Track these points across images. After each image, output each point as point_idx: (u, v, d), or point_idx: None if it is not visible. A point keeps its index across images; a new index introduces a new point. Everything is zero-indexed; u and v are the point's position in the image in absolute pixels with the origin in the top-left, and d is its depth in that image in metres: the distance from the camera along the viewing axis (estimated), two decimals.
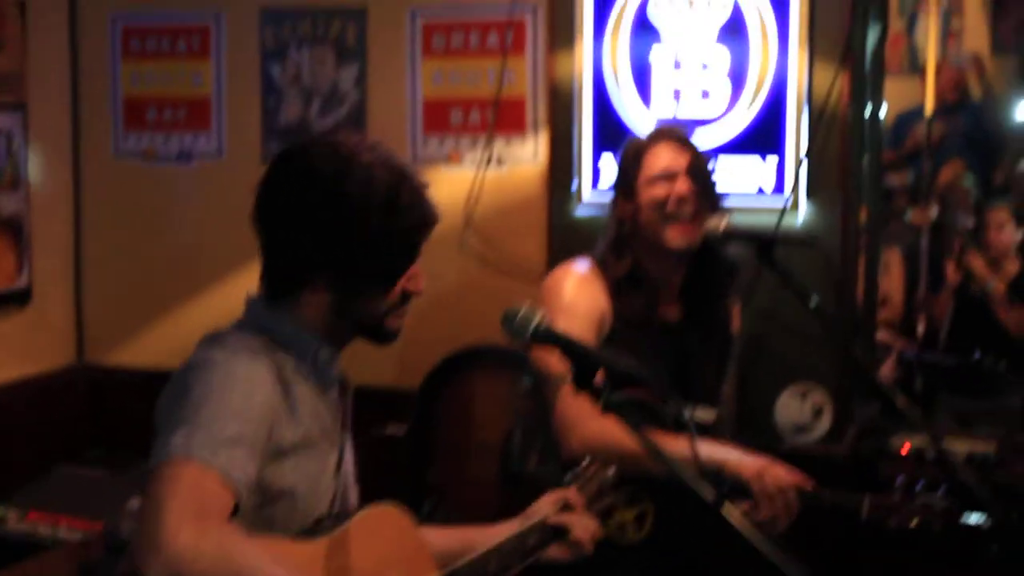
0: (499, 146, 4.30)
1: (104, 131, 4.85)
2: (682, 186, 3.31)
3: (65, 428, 4.84)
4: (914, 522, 3.13)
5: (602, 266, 3.39)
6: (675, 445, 2.91)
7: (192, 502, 1.93)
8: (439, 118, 4.37)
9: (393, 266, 2.33)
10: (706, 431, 3.44)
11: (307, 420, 2.28)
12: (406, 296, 2.37)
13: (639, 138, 3.46)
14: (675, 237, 3.31)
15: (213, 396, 2.08)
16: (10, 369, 4.66)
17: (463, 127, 4.34)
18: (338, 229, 2.26)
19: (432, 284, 4.21)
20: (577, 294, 3.34)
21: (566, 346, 2.30)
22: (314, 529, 2.27)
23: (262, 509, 2.20)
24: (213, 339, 2.26)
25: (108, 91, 4.83)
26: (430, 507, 3.46)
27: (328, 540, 2.21)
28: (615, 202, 3.43)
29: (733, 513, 2.21)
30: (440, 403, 3.53)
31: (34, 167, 4.69)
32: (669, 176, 3.33)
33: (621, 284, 3.36)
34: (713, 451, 3.23)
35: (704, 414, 3.45)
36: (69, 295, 4.93)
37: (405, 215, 2.30)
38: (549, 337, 2.33)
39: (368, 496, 2.51)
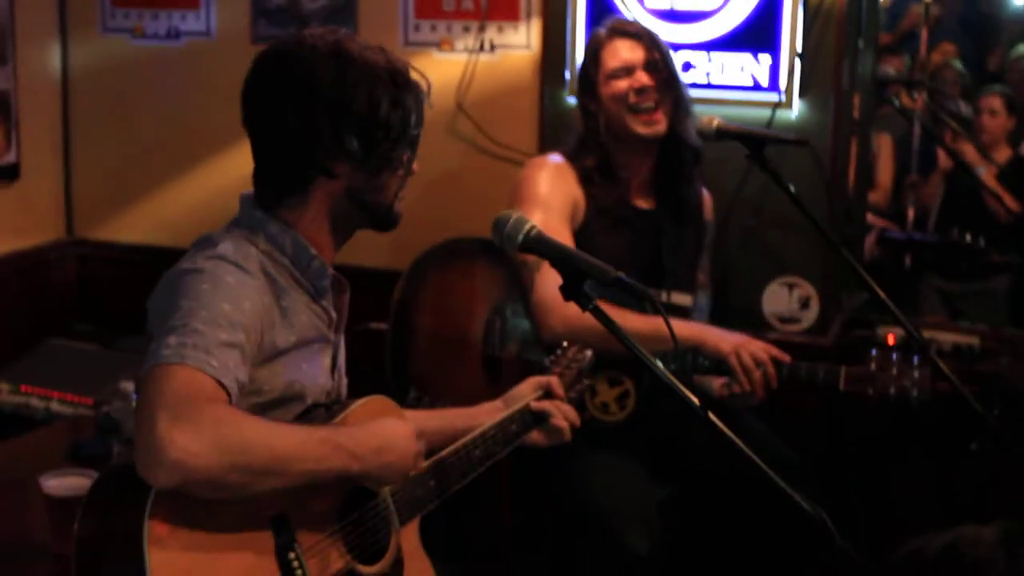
0: (491, 32, 4.25)
1: (92, 7, 4.79)
2: (641, 78, 3.42)
3: (54, 302, 4.87)
4: (892, 390, 3.20)
5: (573, 158, 3.49)
6: (655, 325, 2.98)
7: (184, 402, 1.95)
8: (431, 3, 4.31)
9: (408, 147, 2.37)
10: (683, 315, 3.49)
11: (300, 324, 2.31)
12: (408, 172, 2.41)
13: (595, 35, 3.56)
14: (641, 127, 3.44)
15: (203, 303, 2.10)
16: (1, 243, 4.67)
17: (455, 12, 4.29)
18: (350, 111, 2.26)
19: (424, 168, 4.25)
20: (551, 186, 3.45)
21: (556, 254, 2.31)
22: (306, 417, 2.31)
23: (260, 408, 2.22)
24: (203, 245, 2.26)
25: None
26: (415, 396, 3.49)
27: (322, 427, 2.23)
28: (579, 99, 3.55)
29: (717, 420, 2.24)
30: (418, 296, 3.55)
31: (21, 42, 4.64)
32: (627, 70, 3.44)
33: (592, 175, 3.47)
34: (692, 329, 3.31)
35: (680, 299, 3.50)
36: (58, 170, 4.91)
37: (408, 91, 2.34)
38: (539, 245, 2.34)
39: (355, 389, 2.55)
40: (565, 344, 2.93)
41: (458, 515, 2.74)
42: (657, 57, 3.45)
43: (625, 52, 3.46)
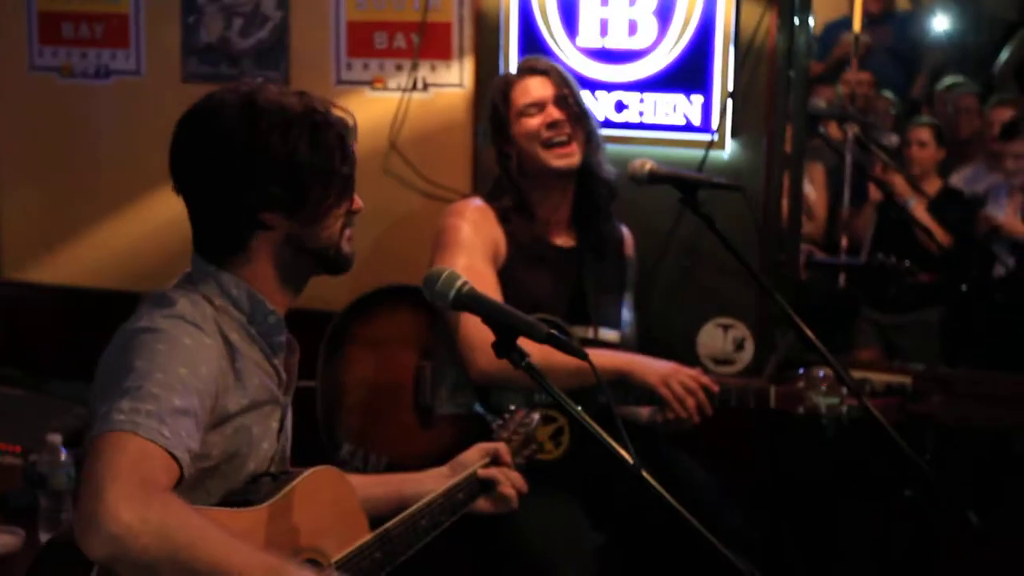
0: (424, 71, 4.24)
1: (18, 45, 4.72)
2: (552, 112, 3.45)
3: None
4: (823, 408, 3.24)
5: (491, 199, 3.53)
6: (583, 364, 2.98)
7: (134, 477, 1.90)
8: (363, 41, 4.29)
9: (328, 179, 2.29)
10: (601, 347, 3.50)
11: (253, 386, 2.27)
12: (350, 215, 2.37)
13: (503, 76, 3.61)
14: (555, 160, 3.45)
15: (158, 366, 2.06)
16: None
17: (387, 51, 4.26)
18: (270, 161, 2.23)
19: None
20: (473, 229, 3.46)
21: (488, 312, 2.30)
22: (251, 489, 2.27)
23: (204, 472, 2.18)
24: (159, 303, 2.22)
25: (22, 3, 4.68)
26: (349, 450, 3.47)
27: (269, 507, 2.20)
28: (493, 141, 3.56)
29: (651, 478, 2.24)
30: (344, 350, 3.54)
31: None
32: (539, 105, 3.47)
33: (509, 214, 3.50)
34: (619, 360, 3.32)
35: (608, 335, 3.51)
36: None
37: (328, 130, 2.29)
38: (472, 302, 2.32)
39: (291, 450, 2.52)
40: (512, 408, 2.91)
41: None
42: (566, 92, 3.48)
43: (535, 89, 3.48)
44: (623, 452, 2.23)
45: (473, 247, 3.41)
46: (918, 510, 3.39)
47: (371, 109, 4.27)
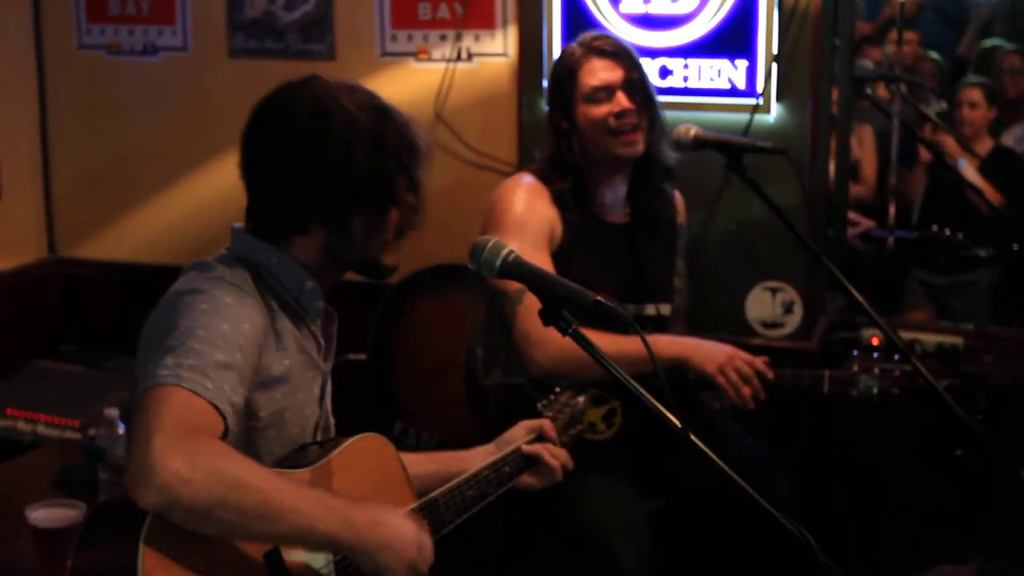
0: (468, 41, 4.24)
1: (67, 24, 4.76)
2: (621, 100, 3.35)
3: (39, 323, 4.84)
4: (875, 390, 3.22)
5: (546, 179, 3.44)
6: (638, 346, 2.99)
7: (181, 426, 1.95)
8: (407, 13, 4.29)
9: (382, 205, 2.33)
10: (663, 324, 3.49)
11: (292, 352, 2.31)
12: (400, 232, 2.39)
13: (571, 52, 3.47)
14: (621, 148, 3.38)
15: (201, 323, 2.11)
16: None
17: (431, 22, 4.27)
18: (326, 176, 2.28)
19: None
20: (527, 209, 3.40)
21: (534, 280, 2.31)
22: (299, 456, 2.31)
23: (248, 436, 2.23)
24: (200, 267, 2.28)
25: None
26: (402, 428, 3.49)
27: (311, 470, 2.25)
28: (553, 120, 3.48)
29: (699, 441, 2.25)
30: (398, 326, 3.55)
31: None
32: (607, 91, 3.37)
33: (565, 198, 3.42)
34: (677, 347, 3.30)
35: (660, 309, 3.50)
36: (38, 190, 4.89)
37: (392, 154, 2.32)
38: (518, 270, 2.34)
39: (341, 423, 2.54)
40: (557, 389, 2.92)
41: (450, 536, 2.73)
42: (635, 77, 3.39)
43: (604, 72, 3.37)
44: (671, 417, 2.24)
45: (525, 228, 3.35)
46: (970, 470, 3.39)
47: (416, 81, 4.29)
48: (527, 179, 3.47)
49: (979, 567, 1.53)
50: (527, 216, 3.38)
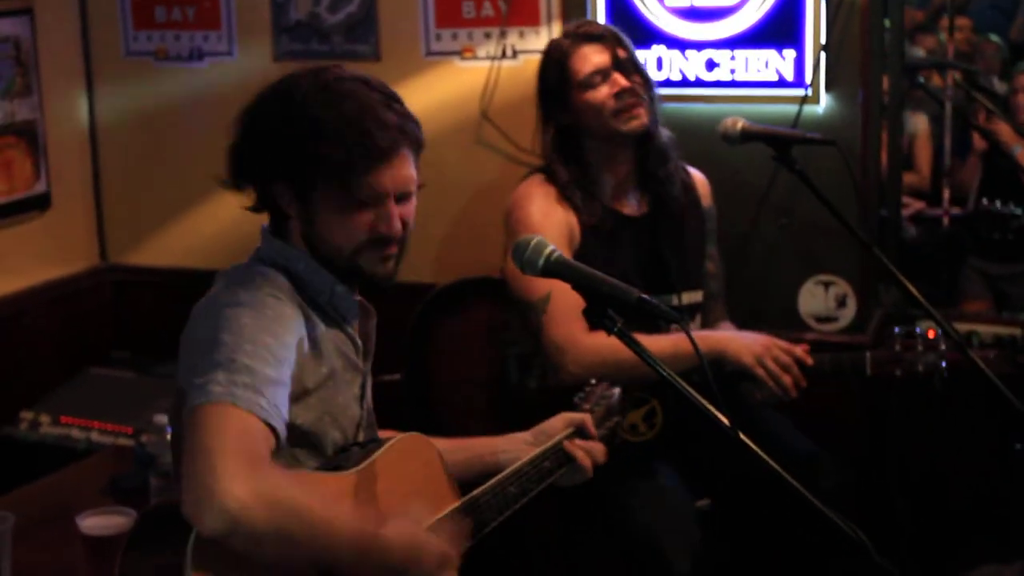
0: (513, 38, 4.21)
1: (113, 31, 4.78)
2: (619, 80, 3.36)
3: (91, 330, 4.87)
4: (920, 367, 3.17)
5: (552, 177, 3.43)
6: (674, 342, 2.96)
7: (242, 450, 1.94)
8: (451, 11, 4.27)
9: (344, 191, 2.27)
10: (696, 311, 3.45)
11: (330, 356, 2.31)
12: (378, 238, 2.31)
13: (556, 44, 3.48)
14: (623, 124, 3.37)
15: (247, 337, 2.09)
16: (34, 274, 4.67)
17: (476, 20, 4.25)
18: (289, 141, 2.28)
19: (452, 178, 4.23)
20: (544, 214, 3.38)
21: (578, 278, 2.28)
22: (341, 458, 2.31)
23: (291, 441, 2.21)
24: (235, 276, 2.27)
25: None
26: None
27: (356, 473, 2.24)
28: (549, 115, 3.47)
29: (747, 440, 2.21)
30: (429, 344, 3.54)
31: (45, 71, 4.64)
32: (602, 73, 3.37)
33: (570, 191, 3.39)
34: (712, 341, 3.26)
35: (691, 297, 3.46)
36: (89, 197, 4.91)
37: (356, 145, 2.26)
38: (561, 269, 2.31)
39: None
40: (593, 381, 2.89)
41: (508, 545, 2.72)
42: (624, 56, 3.40)
43: (595, 56, 3.38)
44: (720, 416, 2.20)
45: (545, 232, 3.24)
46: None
47: (461, 79, 4.27)
48: (539, 183, 3.46)
49: None
50: (545, 223, 3.35)
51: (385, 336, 2.53)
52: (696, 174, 3.61)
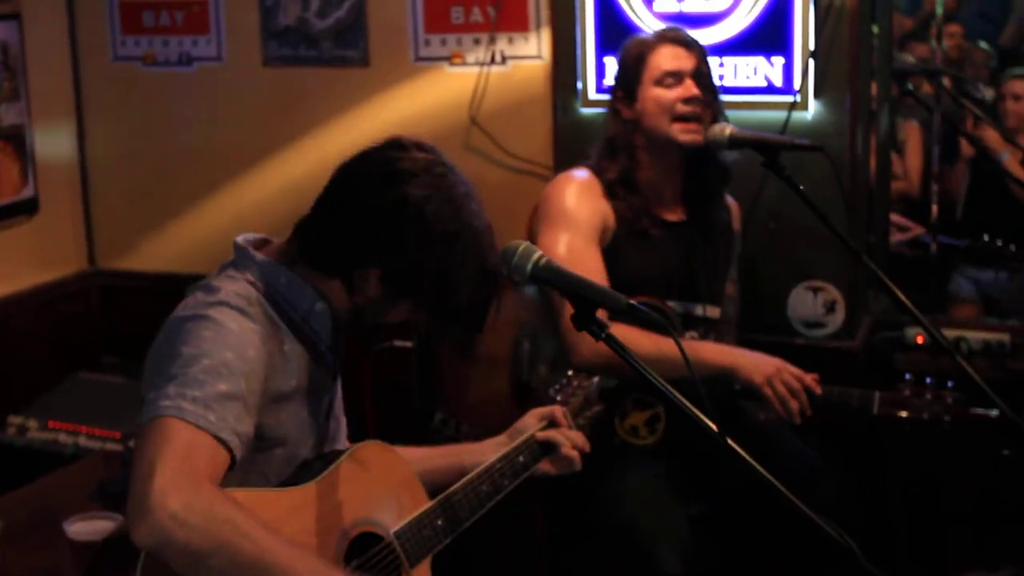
0: (502, 44, 4.22)
1: (101, 35, 4.78)
2: (691, 87, 3.33)
3: (79, 335, 4.86)
4: (926, 415, 3.16)
5: (598, 171, 3.41)
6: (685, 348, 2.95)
7: (183, 466, 1.93)
8: (440, 17, 4.27)
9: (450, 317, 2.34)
10: (709, 326, 3.45)
11: (299, 372, 2.28)
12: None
13: (642, 38, 3.45)
14: (682, 134, 3.34)
15: (204, 351, 2.07)
16: (23, 278, 4.67)
17: (465, 25, 4.25)
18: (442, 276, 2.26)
19: None
20: (577, 203, 3.37)
21: (565, 284, 2.28)
22: (301, 473, 2.29)
23: (253, 456, 2.20)
24: (206, 289, 2.24)
25: None
26: (441, 419, 3.47)
27: (317, 483, 2.23)
28: (615, 103, 3.44)
29: (736, 446, 2.21)
30: None
31: (33, 76, 4.63)
32: (678, 76, 3.34)
33: (616, 187, 3.38)
34: (725, 355, 3.26)
35: (709, 312, 3.46)
36: (77, 202, 4.90)
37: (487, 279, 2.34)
38: (548, 274, 2.31)
39: (381, 408, 2.52)
40: (570, 373, 2.89)
41: (490, 538, 2.72)
42: (705, 71, 3.37)
43: (676, 59, 3.35)
44: (707, 421, 2.20)
45: (575, 223, 3.33)
46: (1018, 469, 3.34)
47: (450, 85, 4.27)
48: (579, 173, 3.44)
49: (1011, 574, 1.49)
50: (578, 210, 3.35)
51: None
52: (730, 199, 3.62)
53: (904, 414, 3.21)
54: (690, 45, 3.38)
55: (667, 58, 3.36)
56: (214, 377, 2.04)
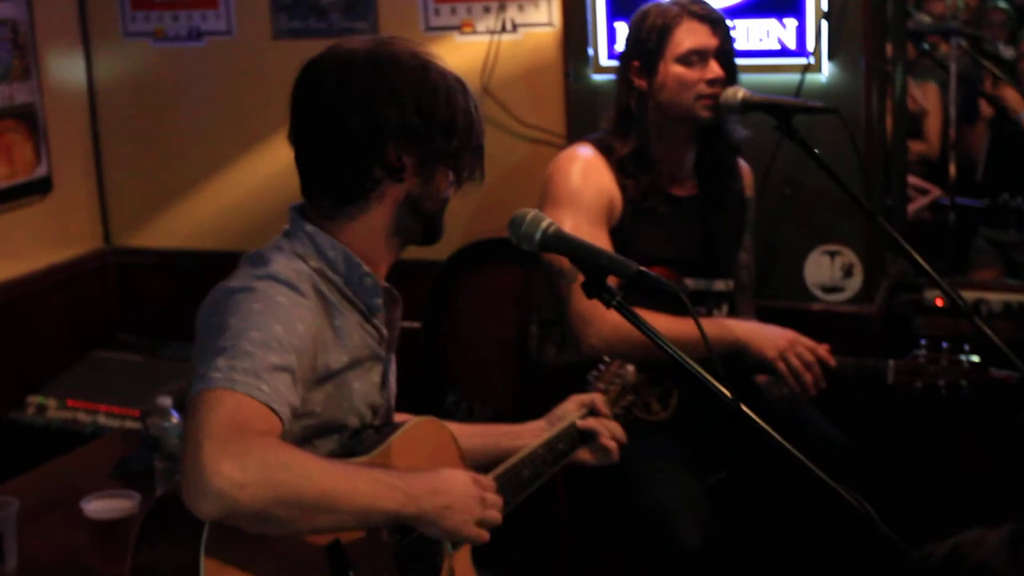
0: (512, 12, 4.18)
1: (111, 12, 4.76)
2: (715, 68, 3.26)
3: (96, 313, 4.87)
4: (942, 382, 3.13)
5: (606, 148, 3.35)
6: (693, 327, 2.93)
7: (231, 429, 1.91)
8: None
9: (469, 154, 2.36)
10: (726, 299, 3.43)
11: (352, 343, 2.27)
12: (459, 185, 2.39)
13: (664, 7, 3.34)
14: (704, 111, 3.28)
15: (253, 323, 2.06)
16: (38, 258, 4.67)
17: None
18: (418, 102, 2.25)
19: None
20: (582, 183, 3.31)
21: (575, 251, 2.27)
22: (355, 443, 2.29)
23: (310, 430, 2.20)
24: (256, 260, 2.23)
25: None
26: (453, 400, 3.46)
27: (371, 458, 2.22)
28: (628, 75, 3.36)
29: (750, 411, 2.20)
30: (453, 297, 3.51)
31: (43, 54, 4.62)
32: (702, 55, 3.27)
33: (626, 163, 3.32)
34: (738, 331, 3.22)
35: (722, 285, 3.44)
36: (91, 180, 4.90)
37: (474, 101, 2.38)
38: (558, 242, 2.29)
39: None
40: (607, 359, 2.86)
41: (515, 516, 2.70)
42: (729, 48, 3.30)
43: (702, 36, 3.26)
44: (722, 389, 2.18)
45: (581, 203, 3.27)
46: None
47: (461, 54, 4.23)
48: (584, 150, 3.37)
49: (1013, 530, 1.49)
50: (583, 189, 3.28)
51: (407, 292, 2.51)
52: (742, 164, 3.56)
53: (919, 384, 3.18)
54: (716, 22, 3.29)
55: (692, 35, 3.26)
56: (264, 349, 2.02)
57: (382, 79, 2.24)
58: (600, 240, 3.22)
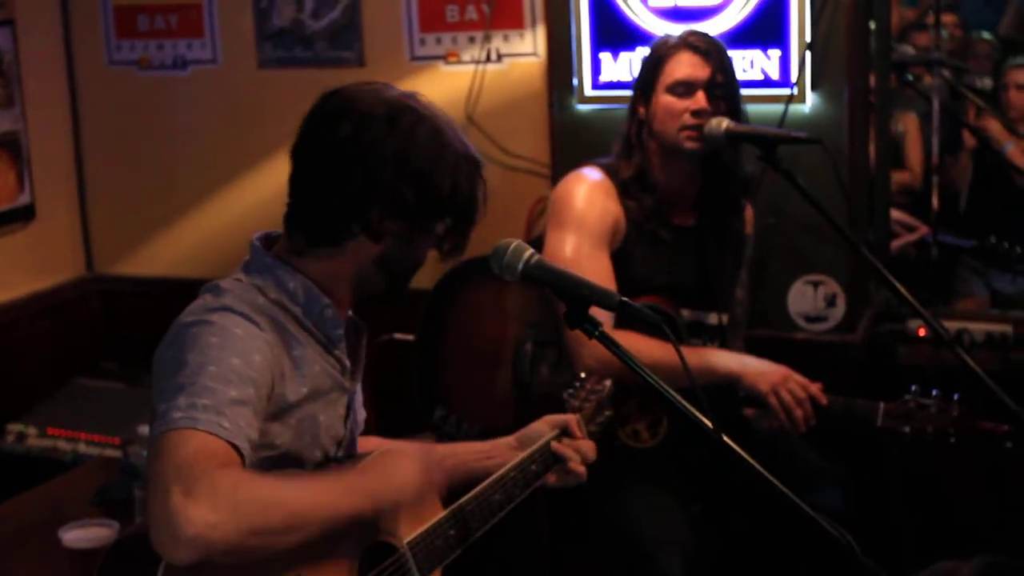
0: (497, 42, 4.20)
1: (96, 40, 4.77)
2: (700, 100, 3.27)
3: (78, 341, 4.85)
4: (930, 428, 3.13)
5: (612, 171, 3.37)
6: (688, 358, 2.92)
7: (197, 472, 1.89)
8: (435, 16, 4.26)
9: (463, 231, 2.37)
10: (719, 333, 3.43)
11: (313, 375, 2.25)
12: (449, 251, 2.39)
13: (666, 39, 3.38)
14: (688, 142, 3.28)
15: (211, 358, 2.04)
16: (21, 285, 4.66)
17: (460, 24, 4.23)
18: (420, 176, 2.23)
19: None
20: (587, 204, 3.32)
21: (557, 282, 2.27)
22: (321, 471, 2.27)
23: (270, 462, 2.17)
24: (213, 292, 2.21)
25: (97, 0, 4.74)
26: (441, 415, 3.45)
27: None
28: (633, 102, 3.40)
29: (733, 442, 2.20)
30: (449, 312, 3.51)
31: (27, 82, 4.62)
32: (688, 87, 3.28)
33: (629, 186, 3.34)
34: (731, 362, 3.22)
35: (716, 319, 3.44)
36: (74, 208, 4.89)
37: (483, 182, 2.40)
38: (540, 273, 2.29)
39: (380, 403, 2.48)
40: (583, 376, 2.85)
41: (496, 544, 2.69)
42: (720, 80, 3.29)
43: (691, 67, 3.27)
44: (703, 419, 2.18)
45: (584, 225, 3.28)
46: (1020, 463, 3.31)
47: (446, 84, 4.24)
48: (591, 173, 3.38)
49: (983, 562, 1.49)
50: (587, 211, 3.30)
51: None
52: (747, 204, 3.57)
53: (907, 428, 3.18)
54: (708, 54, 3.29)
55: (682, 66, 3.29)
56: (223, 383, 2.01)
57: (394, 144, 2.21)
58: (600, 262, 3.25)
